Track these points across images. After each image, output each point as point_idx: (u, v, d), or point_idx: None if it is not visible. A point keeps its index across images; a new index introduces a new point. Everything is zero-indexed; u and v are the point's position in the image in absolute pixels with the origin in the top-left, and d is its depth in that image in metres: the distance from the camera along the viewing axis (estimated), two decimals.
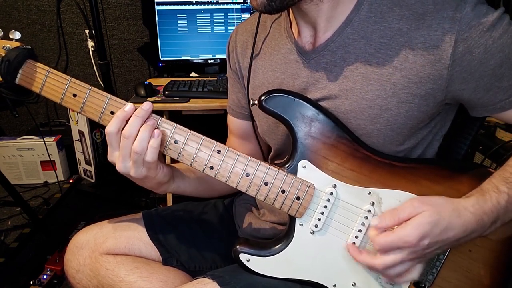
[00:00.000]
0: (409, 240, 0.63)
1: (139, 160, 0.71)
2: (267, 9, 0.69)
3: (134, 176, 0.73)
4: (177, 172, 0.85)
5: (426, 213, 0.64)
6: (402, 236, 0.64)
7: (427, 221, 0.63)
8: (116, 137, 0.71)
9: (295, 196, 0.74)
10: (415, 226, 0.63)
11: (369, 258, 0.69)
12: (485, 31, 0.66)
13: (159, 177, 0.76)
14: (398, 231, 0.64)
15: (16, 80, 0.74)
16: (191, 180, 0.88)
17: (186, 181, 0.86)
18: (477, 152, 1.43)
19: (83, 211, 2.00)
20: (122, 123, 0.71)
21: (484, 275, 0.76)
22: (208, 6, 1.85)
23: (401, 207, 0.67)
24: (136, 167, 0.72)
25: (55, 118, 2.31)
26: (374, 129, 0.74)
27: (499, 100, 0.71)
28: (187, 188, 0.87)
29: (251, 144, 1.00)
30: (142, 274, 0.87)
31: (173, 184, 0.83)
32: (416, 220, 0.64)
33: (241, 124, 1.00)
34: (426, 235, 0.63)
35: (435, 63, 0.68)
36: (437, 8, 0.68)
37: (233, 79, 0.97)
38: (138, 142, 0.70)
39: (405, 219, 0.65)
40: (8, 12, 2.12)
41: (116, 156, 0.73)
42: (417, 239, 0.63)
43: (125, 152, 0.71)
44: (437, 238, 0.64)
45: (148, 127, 0.70)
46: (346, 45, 0.74)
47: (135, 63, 2.23)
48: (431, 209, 0.64)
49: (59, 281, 1.55)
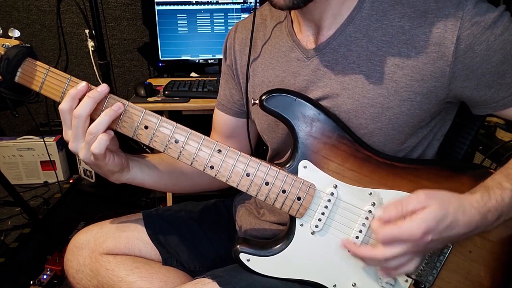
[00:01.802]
0: (414, 234, 0.62)
1: (92, 141, 0.71)
2: (296, 4, 0.68)
3: (82, 158, 0.73)
4: (135, 163, 0.83)
5: (432, 207, 0.63)
6: (406, 230, 0.63)
7: (433, 216, 0.63)
8: (69, 116, 0.72)
9: (296, 196, 0.74)
10: (421, 220, 0.62)
11: (369, 250, 0.68)
12: (486, 28, 0.66)
13: (109, 165, 0.75)
14: (403, 224, 0.63)
15: (16, 78, 0.74)
16: (151, 173, 0.86)
17: (145, 173, 0.84)
18: (477, 152, 1.43)
19: (83, 211, 2.00)
20: (75, 102, 0.71)
21: (484, 276, 0.75)
22: (208, 6, 1.85)
23: (407, 199, 0.65)
24: (87, 149, 0.72)
25: (55, 118, 2.30)
26: (375, 128, 0.74)
27: (501, 98, 0.71)
28: (146, 181, 0.85)
29: (235, 144, 0.98)
30: (142, 274, 0.87)
31: (127, 175, 0.81)
32: (422, 214, 0.63)
33: (229, 121, 0.98)
34: (431, 230, 0.63)
35: (437, 60, 0.69)
36: (438, 6, 0.69)
37: (228, 75, 0.96)
38: (95, 123, 0.70)
39: (410, 212, 0.64)
40: (8, 12, 2.12)
41: (69, 135, 0.73)
42: (422, 233, 0.62)
43: (77, 132, 0.71)
44: (441, 233, 0.64)
45: (111, 112, 0.70)
46: (348, 43, 0.74)
47: (135, 63, 2.23)
48: (437, 204, 0.63)
49: (59, 281, 1.55)
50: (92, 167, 0.77)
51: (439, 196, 0.65)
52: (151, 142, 0.74)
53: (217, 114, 1.00)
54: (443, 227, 0.63)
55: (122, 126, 0.74)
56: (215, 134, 1.02)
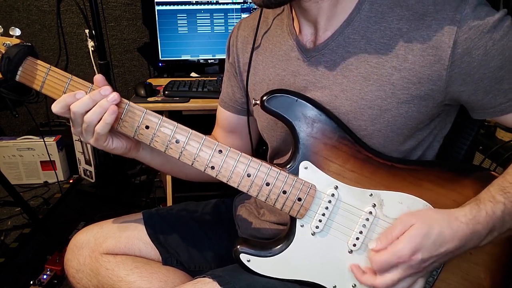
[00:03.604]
0: (402, 254, 0.64)
1: (88, 129, 0.73)
2: (266, 4, 0.71)
3: (84, 140, 0.77)
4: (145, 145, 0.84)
5: (415, 225, 0.65)
6: (395, 252, 0.64)
7: (417, 233, 0.64)
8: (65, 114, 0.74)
9: (297, 197, 0.74)
10: (406, 240, 0.64)
11: (371, 279, 0.69)
12: (485, 32, 0.65)
13: (108, 148, 0.78)
14: (391, 247, 0.65)
15: (17, 77, 0.74)
16: (159, 156, 0.88)
17: (153, 156, 0.88)
18: (477, 152, 1.43)
19: (83, 211, 2.00)
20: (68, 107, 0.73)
21: (484, 278, 0.75)
22: (208, 6, 1.85)
23: (393, 225, 0.68)
24: (86, 134, 0.75)
25: (55, 118, 2.31)
26: (374, 130, 0.74)
27: (499, 103, 0.70)
28: (153, 162, 0.89)
29: (238, 139, 1.00)
30: (142, 274, 0.87)
31: (136, 154, 0.84)
32: (406, 234, 0.64)
33: (231, 118, 0.99)
34: (418, 247, 0.64)
35: (434, 64, 0.68)
36: (437, 9, 0.68)
37: (230, 73, 0.97)
38: (90, 113, 0.72)
39: (398, 236, 0.66)
40: (8, 12, 2.12)
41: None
42: (409, 252, 0.63)
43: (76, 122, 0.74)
44: (431, 250, 0.64)
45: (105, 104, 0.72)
46: (346, 44, 0.74)
47: (135, 63, 2.23)
48: (420, 221, 0.65)
49: (59, 281, 1.55)
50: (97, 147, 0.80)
51: (422, 214, 0.67)
52: (152, 142, 0.74)
53: (220, 110, 1.02)
54: (430, 243, 0.64)
55: (123, 126, 0.74)
56: (218, 128, 1.03)
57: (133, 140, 0.81)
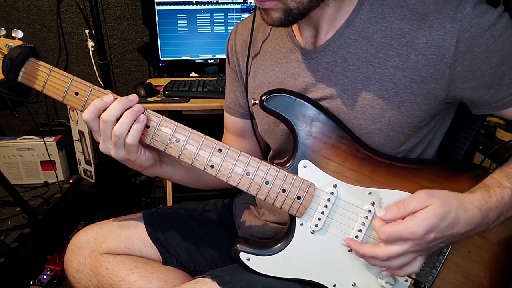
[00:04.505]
0: (416, 232, 0.63)
1: (119, 143, 0.72)
2: (284, 23, 0.71)
3: (115, 156, 0.75)
4: (166, 158, 0.85)
5: (434, 205, 0.64)
6: (409, 228, 0.64)
7: (435, 214, 0.63)
8: (95, 122, 0.73)
9: (296, 196, 0.74)
10: (423, 218, 0.63)
11: (372, 248, 0.68)
12: (486, 29, 0.66)
13: (140, 160, 0.77)
14: (406, 222, 0.64)
15: (19, 78, 0.75)
16: (180, 168, 0.88)
17: (175, 168, 0.87)
18: (477, 152, 1.43)
19: (83, 211, 2.00)
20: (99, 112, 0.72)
21: (484, 276, 0.76)
22: (208, 6, 1.85)
23: (408, 199, 0.66)
24: (117, 149, 0.73)
25: (55, 118, 2.31)
26: (375, 129, 0.74)
27: (501, 98, 0.71)
28: (175, 175, 0.89)
29: (247, 142, 1.00)
30: (142, 274, 0.87)
31: (160, 168, 0.84)
32: (425, 212, 0.64)
33: (238, 122, 0.99)
34: (433, 228, 0.63)
35: (437, 62, 0.69)
36: (438, 8, 0.69)
37: (232, 78, 0.97)
38: (119, 125, 0.71)
39: (412, 211, 0.65)
40: (8, 12, 2.12)
41: (99, 137, 0.75)
42: (424, 231, 0.63)
43: (105, 134, 0.73)
44: (443, 232, 0.64)
45: (132, 112, 0.71)
46: (347, 45, 0.75)
47: (135, 63, 2.23)
48: (439, 202, 0.64)
49: (59, 281, 1.55)
50: (125, 163, 0.78)
51: (441, 195, 0.66)
52: (152, 141, 0.75)
53: (226, 116, 1.02)
54: (445, 225, 0.64)
55: None
56: (227, 133, 1.04)
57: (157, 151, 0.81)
